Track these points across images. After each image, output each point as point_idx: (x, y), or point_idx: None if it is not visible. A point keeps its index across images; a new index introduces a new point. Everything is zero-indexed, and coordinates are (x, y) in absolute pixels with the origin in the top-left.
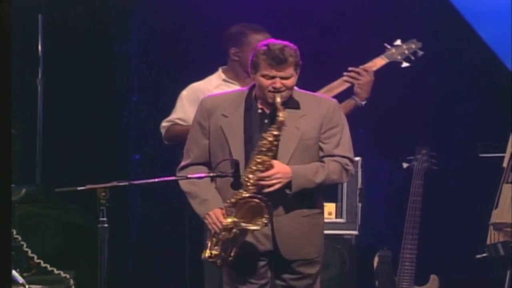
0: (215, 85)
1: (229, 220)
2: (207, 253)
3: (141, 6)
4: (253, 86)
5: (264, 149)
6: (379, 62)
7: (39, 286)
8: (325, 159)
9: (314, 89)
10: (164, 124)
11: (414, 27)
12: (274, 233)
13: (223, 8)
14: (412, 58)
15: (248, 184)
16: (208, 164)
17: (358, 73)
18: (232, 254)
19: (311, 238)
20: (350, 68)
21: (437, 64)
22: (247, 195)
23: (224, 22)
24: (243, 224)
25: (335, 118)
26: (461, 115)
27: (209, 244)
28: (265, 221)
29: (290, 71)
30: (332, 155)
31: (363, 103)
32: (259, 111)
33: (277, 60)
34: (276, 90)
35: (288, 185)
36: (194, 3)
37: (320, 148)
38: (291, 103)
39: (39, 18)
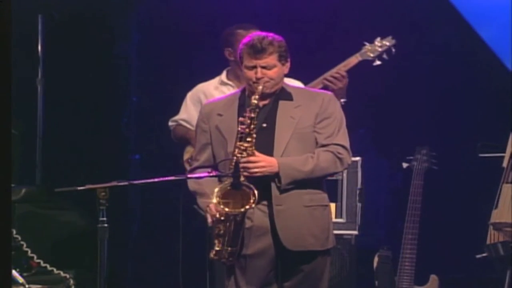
0: (215, 86)
1: (218, 209)
2: (212, 253)
3: (141, 6)
4: None
5: (243, 134)
6: (352, 61)
7: (39, 286)
8: (317, 149)
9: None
10: (170, 123)
11: (414, 27)
12: (275, 223)
13: (223, 8)
14: (385, 56)
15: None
16: (215, 166)
17: (335, 78)
18: (235, 249)
19: (312, 229)
20: (328, 74)
21: (437, 64)
22: (230, 183)
23: (224, 22)
24: (230, 210)
25: (330, 109)
26: (461, 115)
27: (215, 243)
28: (253, 202)
29: (271, 60)
30: (325, 144)
31: (342, 102)
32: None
33: (256, 49)
34: (258, 80)
35: (277, 177)
36: (194, 3)
37: (315, 139)
38: (284, 95)
39: (39, 18)
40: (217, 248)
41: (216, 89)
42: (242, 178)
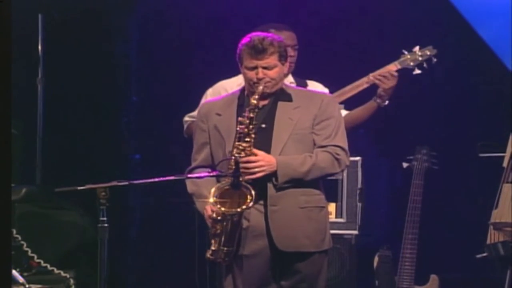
0: (238, 83)
1: (214, 209)
2: (208, 253)
3: (141, 6)
4: None
5: (242, 134)
6: (391, 68)
7: (39, 286)
8: (315, 149)
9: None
10: (186, 118)
11: (414, 27)
12: (269, 224)
13: (223, 8)
14: (425, 65)
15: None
16: (213, 166)
17: (385, 77)
18: (231, 249)
19: (306, 230)
20: (378, 72)
21: (437, 64)
22: (228, 183)
23: (224, 22)
24: (227, 209)
25: (328, 110)
26: (461, 115)
27: (212, 243)
28: (249, 202)
29: (272, 60)
30: (324, 145)
31: (386, 103)
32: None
33: (256, 49)
34: (259, 80)
35: (274, 175)
36: (194, 3)
37: (313, 140)
38: (283, 96)
39: (39, 18)
40: (213, 248)
41: (238, 87)
42: (241, 178)
